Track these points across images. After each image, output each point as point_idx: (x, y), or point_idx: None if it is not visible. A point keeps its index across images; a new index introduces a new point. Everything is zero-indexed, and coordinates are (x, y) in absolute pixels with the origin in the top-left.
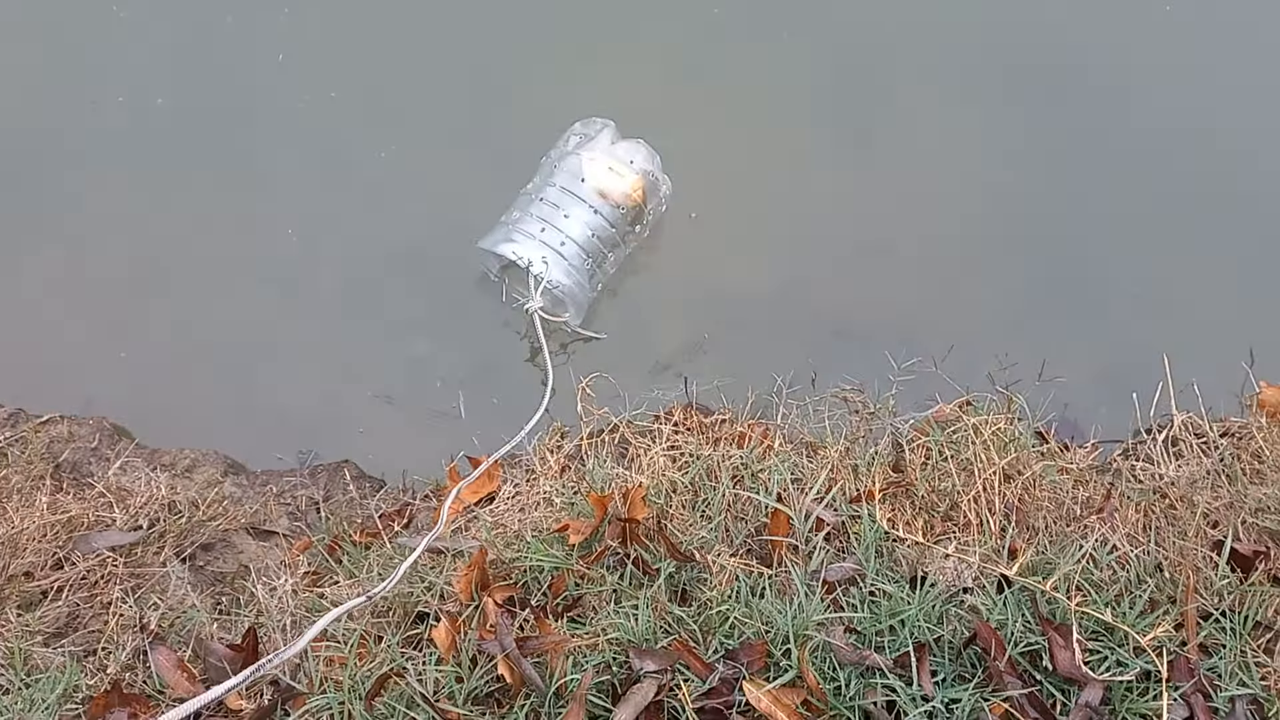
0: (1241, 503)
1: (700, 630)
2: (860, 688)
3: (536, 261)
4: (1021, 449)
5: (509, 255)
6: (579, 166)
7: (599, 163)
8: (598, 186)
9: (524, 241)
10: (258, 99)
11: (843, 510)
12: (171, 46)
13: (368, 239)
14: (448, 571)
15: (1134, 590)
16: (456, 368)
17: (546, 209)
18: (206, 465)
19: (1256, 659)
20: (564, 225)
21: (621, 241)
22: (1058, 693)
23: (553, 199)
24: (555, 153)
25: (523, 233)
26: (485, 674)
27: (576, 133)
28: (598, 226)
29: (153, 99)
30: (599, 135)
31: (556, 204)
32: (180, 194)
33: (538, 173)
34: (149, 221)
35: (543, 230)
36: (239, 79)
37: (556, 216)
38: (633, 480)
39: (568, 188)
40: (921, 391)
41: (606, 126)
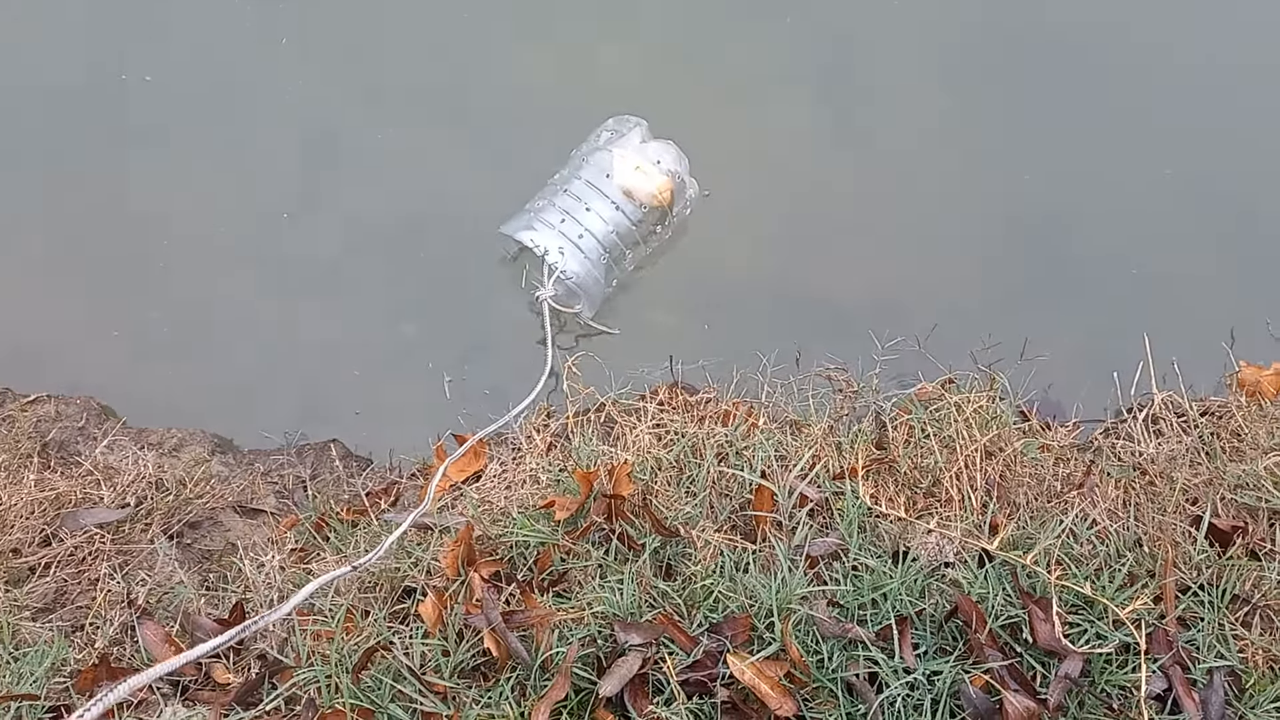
0: (1220, 479)
1: (685, 604)
2: (843, 660)
3: (553, 251)
4: (1003, 426)
5: (527, 242)
6: (607, 162)
7: (627, 161)
8: (623, 184)
9: (543, 230)
10: (248, 77)
11: (826, 487)
12: (162, 22)
13: (357, 219)
14: (434, 547)
15: (1113, 564)
16: (446, 349)
17: (569, 201)
18: (194, 444)
19: (1234, 631)
20: (584, 218)
21: (642, 241)
22: (1038, 665)
23: (577, 192)
24: (586, 146)
25: (543, 221)
26: (471, 648)
27: (609, 129)
28: (618, 223)
29: (140, 75)
30: (630, 133)
31: (580, 197)
32: (168, 172)
33: (567, 164)
34: (136, 200)
35: (563, 221)
36: (230, 57)
37: (578, 209)
38: (618, 457)
39: (593, 182)
40: (905, 371)
41: (639, 125)
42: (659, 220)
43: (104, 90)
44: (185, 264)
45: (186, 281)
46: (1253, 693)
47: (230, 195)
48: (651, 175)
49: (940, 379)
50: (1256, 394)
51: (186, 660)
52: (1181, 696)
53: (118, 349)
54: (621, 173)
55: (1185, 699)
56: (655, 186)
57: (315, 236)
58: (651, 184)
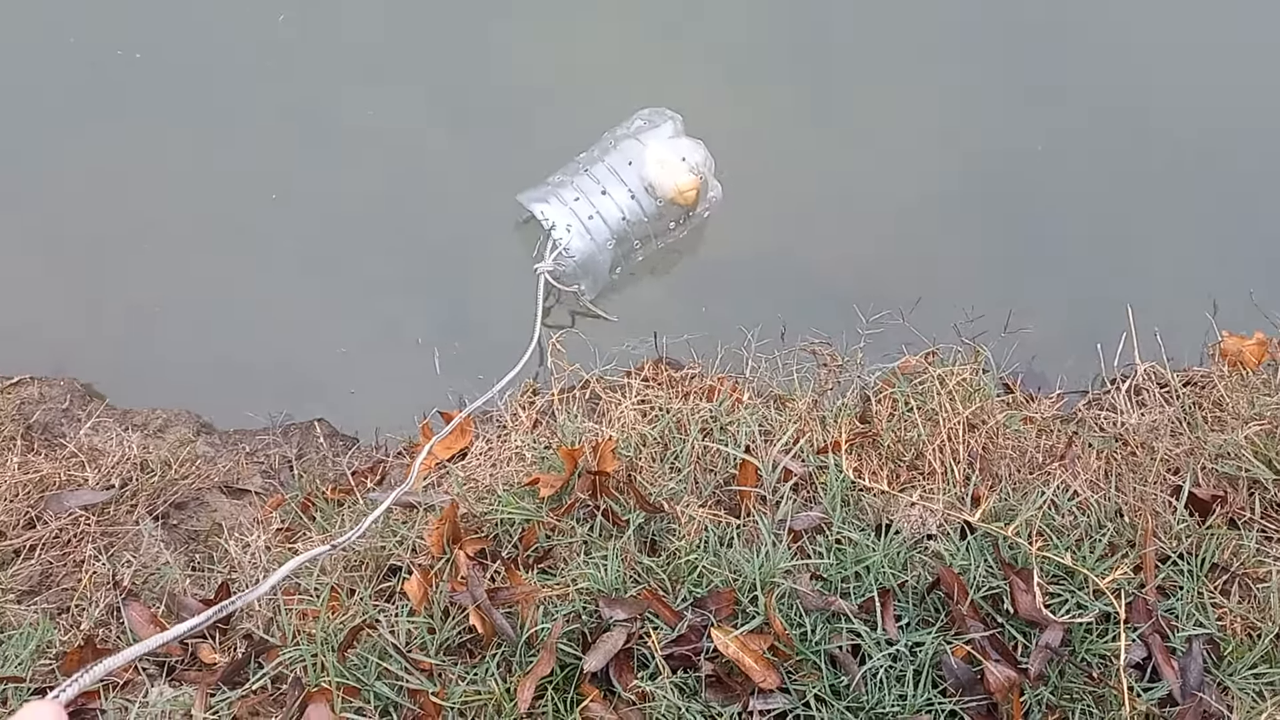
0: (1202, 449)
1: (669, 579)
2: (826, 632)
3: (560, 227)
4: (985, 399)
5: (537, 214)
6: (633, 151)
7: (651, 153)
8: (647, 175)
9: (555, 205)
10: (229, 54)
11: (810, 461)
12: None
13: (341, 195)
14: (419, 525)
15: (1094, 535)
16: (431, 325)
17: (588, 182)
18: (179, 425)
19: (1213, 600)
20: (598, 201)
21: (655, 235)
22: (1019, 635)
23: (598, 174)
24: (619, 131)
25: (558, 197)
26: (457, 625)
27: (643, 117)
28: (632, 212)
29: (125, 54)
30: (662, 125)
31: (598, 180)
32: (150, 151)
33: (596, 145)
34: (119, 179)
35: (576, 200)
36: (216, 32)
37: (594, 191)
38: (603, 434)
39: (615, 168)
40: (892, 344)
41: (672, 120)
42: (677, 217)
43: (88, 66)
44: (170, 244)
45: (171, 261)
46: (1231, 660)
47: (213, 172)
48: (677, 171)
49: (923, 352)
50: (1239, 363)
51: (166, 640)
52: (1161, 664)
53: (102, 330)
54: (643, 163)
55: (1164, 667)
56: (680, 183)
57: (300, 214)
58: (676, 180)
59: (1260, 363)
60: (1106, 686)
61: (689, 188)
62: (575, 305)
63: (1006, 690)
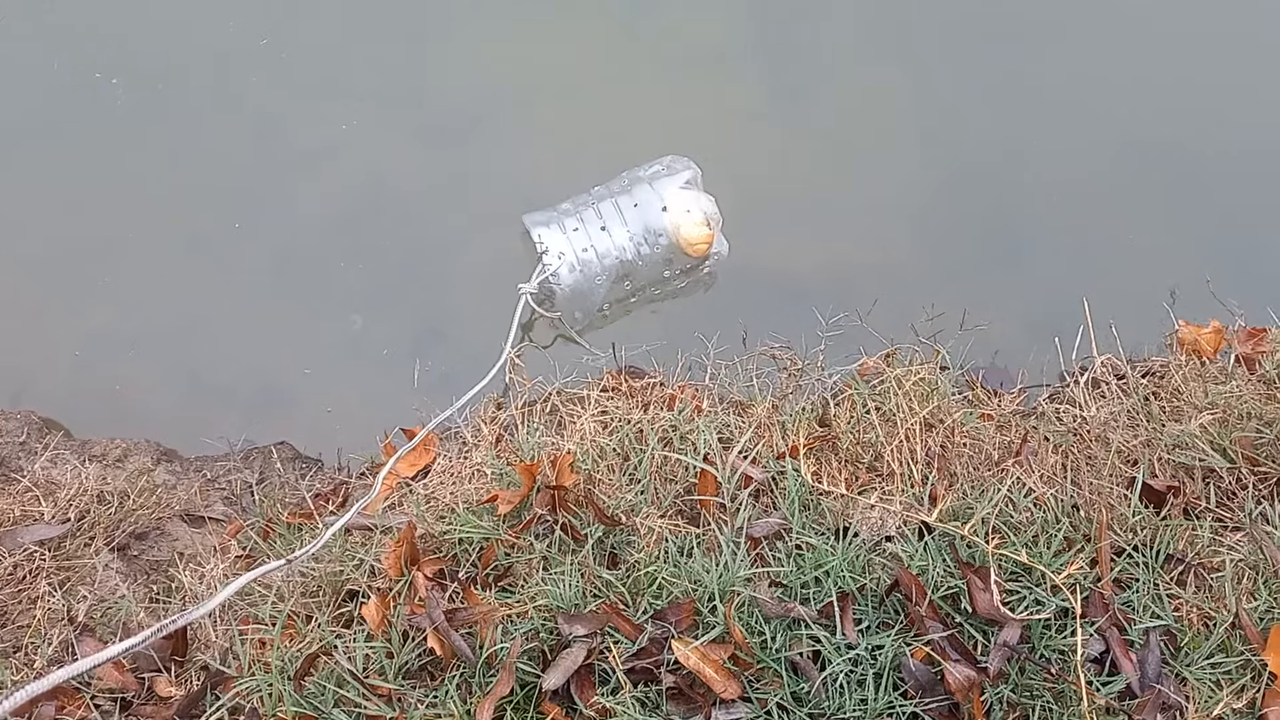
0: (1159, 440)
1: (629, 592)
2: (786, 639)
3: (551, 253)
4: (942, 398)
5: (534, 236)
6: (642, 195)
7: (671, 200)
8: (648, 220)
9: (554, 232)
10: (186, 72)
11: (770, 467)
12: (108, 18)
13: (298, 214)
14: (376, 548)
15: (1050, 530)
16: (397, 343)
17: (590, 215)
18: (139, 454)
19: (1169, 591)
20: (596, 236)
21: (651, 283)
22: (978, 634)
23: (603, 210)
24: (637, 172)
25: (560, 224)
26: (416, 648)
27: (662, 164)
28: (627, 253)
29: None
30: (677, 175)
31: (601, 215)
32: (106, 172)
33: (613, 181)
34: (73, 202)
35: (575, 230)
36: (183, 52)
37: (594, 225)
38: (562, 448)
39: (621, 207)
40: (856, 345)
41: (688, 169)
42: (681, 267)
43: (49, 88)
44: (128, 268)
45: (129, 287)
46: (1188, 650)
47: (174, 195)
48: (691, 222)
49: (882, 353)
50: (1196, 352)
51: (95, 663)
52: (1119, 657)
53: (59, 360)
54: (669, 210)
55: (1122, 660)
56: (691, 235)
57: (260, 234)
58: (688, 231)
59: (1217, 351)
60: (1065, 682)
61: (699, 240)
62: (558, 327)
63: (967, 690)
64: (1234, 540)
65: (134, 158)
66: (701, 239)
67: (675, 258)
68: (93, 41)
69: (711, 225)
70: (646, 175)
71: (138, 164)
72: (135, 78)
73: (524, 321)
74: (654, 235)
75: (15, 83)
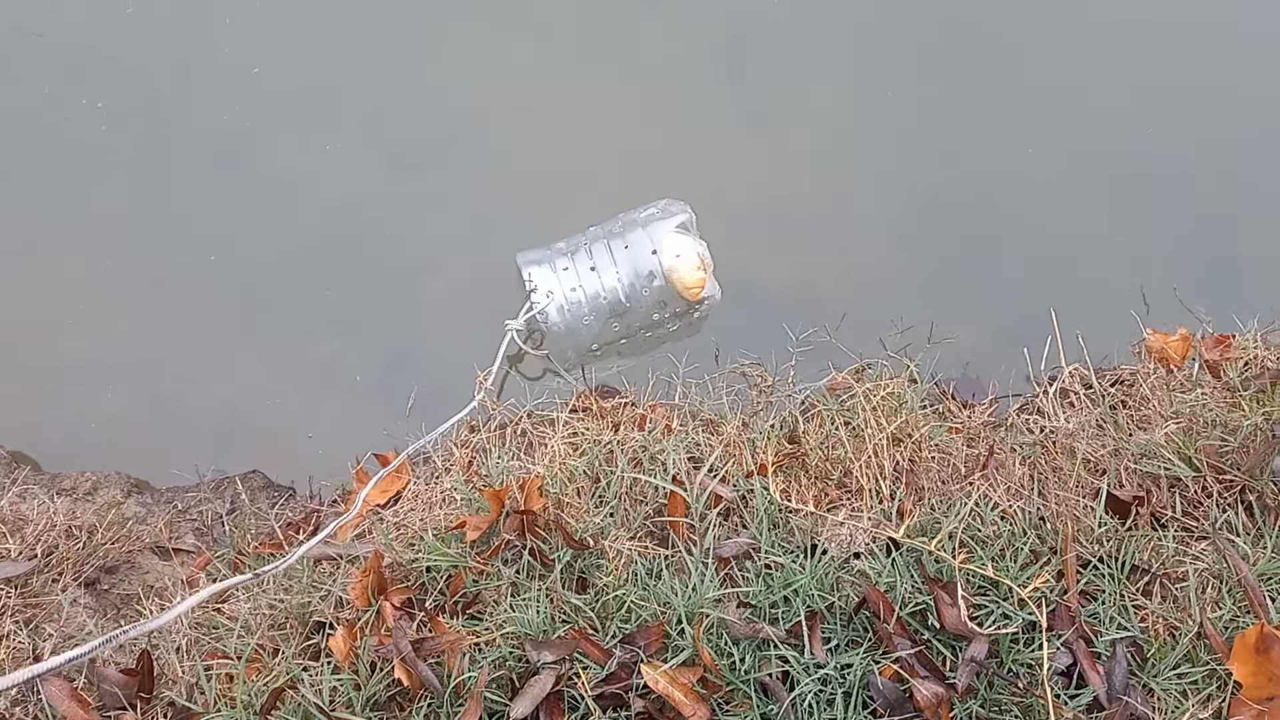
0: (1126, 449)
1: (598, 617)
2: (755, 660)
3: (540, 292)
4: (910, 412)
5: (525, 274)
6: (633, 237)
7: (651, 244)
8: (636, 262)
9: (545, 271)
10: (152, 102)
11: (739, 485)
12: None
13: (267, 242)
14: (343, 578)
15: (1017, 543)
16: (369, 369)
17: (582, 256)
18: (109, 486)
19: (1135, 602)
20: (585, 277)
21: (643, 326)
22: (946, 650)
23: (594, 251)
24: (632, 214)
25: (551, 264)
26: (384, 679)
27: (658, 207)
28: (616, 294)
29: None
30: (671, 219)
31: (592, 256)
32: (70, 205)
33: (609, 222)
34: (36, 235)
35: (565, 270)
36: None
37: (584, 265)
38: (531, 471)
39: (612, 249)
40: (829, 361)
41: (683, 214)
42: (674, 310)
43: (13, 121)
44: (95, 300)
45: (98, 319)
46: (1154, 661)
47: (139, 225)
48: (686, 266)
49: (850, 368)
50: (1164, 360)
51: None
52: (1086, 670)
53: (28, 393)
54: (663, 253)
55: (1090, 672)
56: (686, 279)
57: (227, 263)
58: (684, 275)
59: (1184, 358)
60: (1034, 696)
61: (693, 284)
62: (547, 363)
63: (935, 707)
64: (1199, 549)
65: (99, 189)
66: (695, 283)
67: (668, 300)
68: (59, 72)
69: (704, 269)
70: (640, 218)
71: (103, 195)
72: (94, 111)
73: (511, 353)
74: (645, 278)
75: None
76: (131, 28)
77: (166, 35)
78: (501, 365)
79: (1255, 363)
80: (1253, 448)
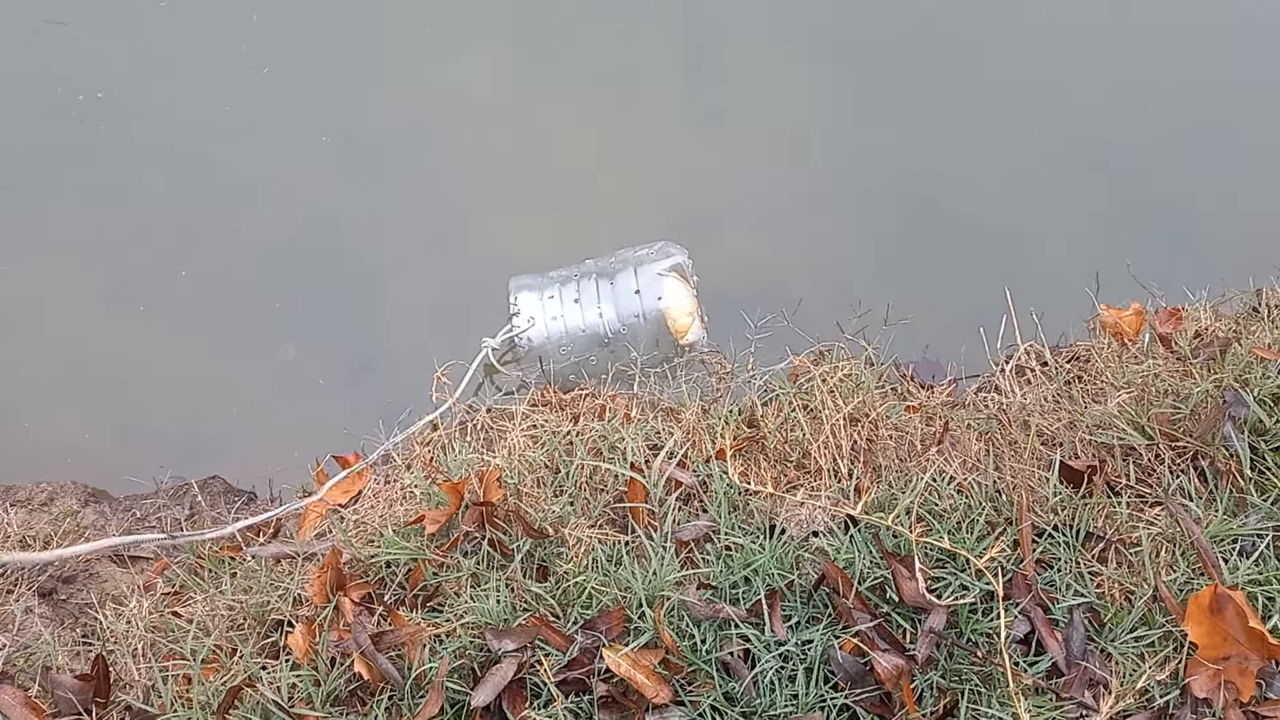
0: (1081, 421)
1: (559, 604)
2: (716, 640)
3: (523, 315)
4: (867, 393)
5: (511, 296)
6: (622, 276)
7: (637, 284)
8: (618, 300)
9: (532, 295)
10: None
11: (699, 470)
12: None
13: (224, 246)
14: (301, 576)
15: (974, 515)
16: (330, 370)
17: (570, 286)
18: (65, 496)
19: (1090, 568)
20: (568, 308)
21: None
22: (906, 622)
23: (581, 285)
24: (629, 253)
25: (540, 290)
26: (344, 674)
27: (655, 249)
28: (594, 329)
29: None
30: (662, 261)
31: (579, 290)
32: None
33: (607, 257)
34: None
35: (551, 298)
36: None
37: (570, 297)
38: (489, 464)
39: (600, 285)
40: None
41: (676, 256)
42: (663, 353)
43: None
44: (50, 309)
45: (54, 328)
46: (1110, 625)
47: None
48: (679, 307)
49: (808, 352)
50: (1119, 334)
51: None
52: (1044, 636)
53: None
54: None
55: (1048, 639)
56: (678, 322)
57: (181, 268)
58: (676, 317)
59: (1138, 332)
60: (993, 664)
61: (682, 329)
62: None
63: (896, 678)
64: (1152, 515)
65: (56, 200)
66: (683, 328)
67: (660, 341)
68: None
69: (694, 315)
70: (634, 257)
71: (60, 206)
72: (58, 118)
73: (486, 363)
74: (631, 317)
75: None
76: (88, 36)
77: (124, 43)
78: (475, 376)
79: (1206, 332)
80: (1204, 414)
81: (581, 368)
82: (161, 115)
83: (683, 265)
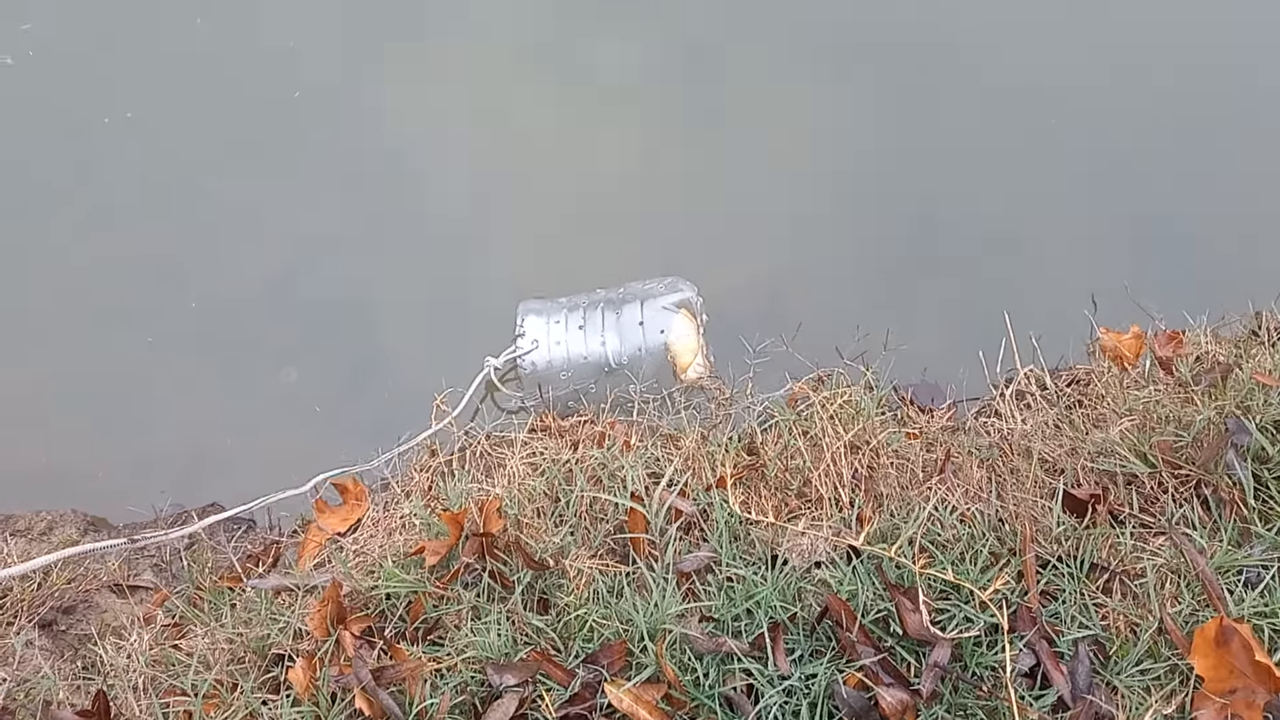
0: (1083, 447)
1: (560, 637)
2: (719, 675)
3: (526, 338)
4: (867, 420)
5: (518, 319)
6: (627, 309)
7: (640, 316)
8: (623, 332)
9: (539, 320)
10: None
11: (699, 499)
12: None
13: (225, 273)
14: (301, 609)
15: (977, 546)
16: (328, 395)
17: (577, 313)
18: (64, 525)
19: (1095, 599)
20: (571, 335)
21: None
22: (910, 655)
23: (587, 314)
24: (640, 286)
25: (547, 315)
26: (345, 709)
27: (665, 283)
28: (596, 358)
29: None
30: (669, 296)
31: (584, 318)
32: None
33: (617, 289)
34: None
35: (556, 323)
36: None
37: (573, 323)
38: (489, 492)
39: (605, 315)
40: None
41: (684, 292)
42: (664, 387)
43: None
44: (46, 334)
45: (51, 354)
46: (1116, 658)
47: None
48: (684, 343)
49: (808, 377)
50: (1119, 358)
51: None
52: (1049, 670)
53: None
54: (672, 331)
55: (1053, 672)
56: (682, 359)
57: (180, 294)
58: (680, 353)
59: (1138, 355)
60: (998, 699)
61: (685, 365)
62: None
63: (901, 713)
64: (1156, 545)
65: (53, 224)
66: (685, 365)
67: (662, 372)
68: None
69: (698, 351)
70: (643, 290)
71: (57, 230)
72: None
73: (487, 381)
74: (635, 349)
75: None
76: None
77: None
78: (476, 394)
79: (1207, 358)
80: (1206, 442)
81: (581, 395)
82: (164, 140)
83: (691, 301)
